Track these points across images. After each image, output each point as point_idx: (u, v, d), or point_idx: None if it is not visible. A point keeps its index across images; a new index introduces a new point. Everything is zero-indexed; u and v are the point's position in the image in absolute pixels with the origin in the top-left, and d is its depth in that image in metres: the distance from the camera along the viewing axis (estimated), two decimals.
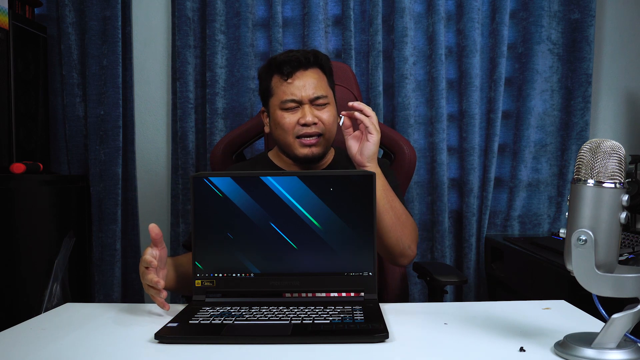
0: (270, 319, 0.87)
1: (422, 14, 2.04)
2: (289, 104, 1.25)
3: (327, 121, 1.26)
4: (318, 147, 1.25)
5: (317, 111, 1.25)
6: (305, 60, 1.27)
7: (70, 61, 2.05)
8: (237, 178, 1.00)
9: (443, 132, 2.01)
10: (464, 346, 0.79)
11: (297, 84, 1.25)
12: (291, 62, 1.26)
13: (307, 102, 1.24)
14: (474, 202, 2.02)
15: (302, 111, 1.24)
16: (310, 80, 1.26)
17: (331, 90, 1.31)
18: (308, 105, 1.24)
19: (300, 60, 1.26)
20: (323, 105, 1.26)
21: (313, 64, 1.28)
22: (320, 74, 1.29)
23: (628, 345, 0.71)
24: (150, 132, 2.16)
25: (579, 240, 0.71)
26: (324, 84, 1.28)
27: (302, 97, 1.24)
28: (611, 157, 0.70)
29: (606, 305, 0.74)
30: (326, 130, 1.26)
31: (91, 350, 0.79)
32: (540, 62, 2.04)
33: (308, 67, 1.27)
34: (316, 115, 1.24)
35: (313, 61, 1.28)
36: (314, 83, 1.26)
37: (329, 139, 1.28)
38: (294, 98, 1.24)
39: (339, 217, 0.99)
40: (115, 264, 2.03)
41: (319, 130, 1.24)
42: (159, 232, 0.99)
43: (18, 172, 1.72)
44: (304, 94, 1.24)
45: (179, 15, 2.01)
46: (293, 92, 1.24)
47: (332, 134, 1.29)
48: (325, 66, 1.31)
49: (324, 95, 1.26)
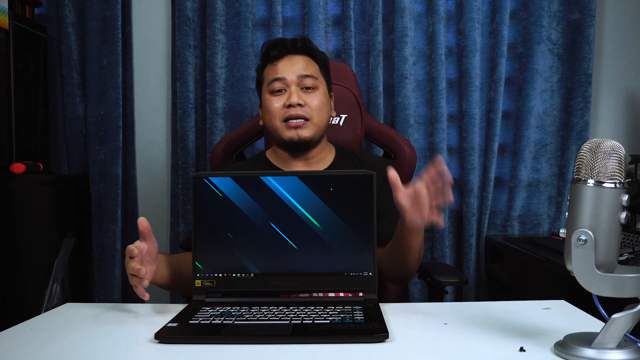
0: (270, 319, 0.87)
1: (422, 14, 2.04)
2: (275, 83, 1.25)
3: (315, 106, 1.24)
4: (304, 129, 1.23)
5: (304, 94, 1.24)
6: (292, 45, 1.27)
7: (70, 61, 2.05)
8: (237, 178, 1.00)
9: (443, 132, 2.01)
10: (464, 346, 0.79)
11: (284, 65, 1.26)
12: (278, 46, 1.27)
13: (294, 82, 1.24)
14: (474, 202, 2.02)
15: (289, 92, 1.24)
16: (298, 63, 1.26)
17: (323, 79, 1.30)
18: (295, 86, 1.24)
19: (286, 45, 1.27)
20: (311, 89, 1.25)
21: (301, 51, 1.28)
22: (310, 61, 1.29)
23: (628, 345, 0.71)
24: (150, 132, 2.16)
25: (579, 240, 0.71)
26: (313, 68, 1.28)
27: (287, 77, 1.24)
28: (611, 157, 0.70)
29: (606, 305, 0.74)
30: (313, 115, 1.24)
31: (91, 350, 0.79)
32: (540, 62, 2.04)
33: (296, 52, 1.28)
34: (303, 98, 1.23)
35: (301, 47, 1.28)
36: (303, 65, 1.26)
37: (318, 125, 1.26)
38: (278, 76, 1.24)
39: (339, 217, 0.99)
40: (115, 264, 2.03)
41: (304, 114, 1.23)
42: (147, 226, 0.99)
43: (18, 172, 1.72)
44: (290, 74, 1.24)
45: (179, 15, 2.01)
46: (279, 71, 1.25)
47: (321, 121, 1.26)
48: (317, 55, 1.30)
49: (312, 75, 1.25)
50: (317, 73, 1.28)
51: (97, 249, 2.05)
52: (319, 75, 1.29)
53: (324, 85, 1.30)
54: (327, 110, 1.29)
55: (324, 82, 1.30)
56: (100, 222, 2.05)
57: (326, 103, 1.28)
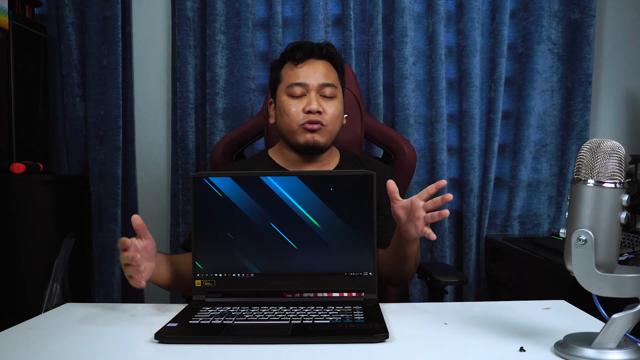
0: (270, 319, 0.87)
1: (422, 14, 2.04)
2: (296, 87, 1.25)
3: (332, 114, 1.26)
4: (320, 134, 1.24)
5: (323, 102, 1.25)
6: (318, 49, 1.28)
7: (70, 61, 2.05)
8: (237, 178, 1.00)
9: (443, 132, 2.01)
10: (464, 346, 0.79)
11: (307, 69, 1.26)
12: (304, 48, 1.28)
13: (315, 89, 1.24)
14: (474, 202, 2.02)
15: (308, 98, 1.24)
16: (320, 69, 1.27)
17: (340, 87, 1.31)
18: (315, 92, 1.25)
19: (313, 48, 1.28)
20: (330, 98, 1.26)
21: (325, 56, 1.29)
22: (330, 67, 1.30)
23: (628, 345, 0.71)
24: (150, 132, 2.16)
25: (579, 240, 0.71)
26: (333, 76, 1.29)
27: (309, 83, 1.24)
28: (611, 157, 0.70)
29: (606, 305, 0.74)
30: (329, 122, 1.25)
31: (91, 350, 0.79)
32: (540, 62, 2.04)
33: (320, 57, 1.28)
34: (322, 105, 1.24)
35: (325, 52, 1.29)
36: (324, 72, 1.27)
37: (331, 132, 1.27)
38: (300, 82, 1.25)
39: (339, 217, 0.99)
40: (115, 264, 2.03)
41: (322, 121, 1.24)
42: (140, 223, 0.98)
43: (18, 172, 1.72)
44: (312, 80, 1.25)
45: (179, 15, 2.01)
46: (301, 76, 1.25)
47: (334, 129, 1.28)
48: (337, 62, 1.32)
49: (333, 84, 1.26)
50: (337, 81, 1.29)
51: (97, 249, 2.05)
52: (338, 83, 1.30)
53: (341, 94, 1.31)
54: (341, 119, 1.31)
55: (341, 90, 1.32)
56: (100, 222, 2.05)
57: (342, 112, 1.30)
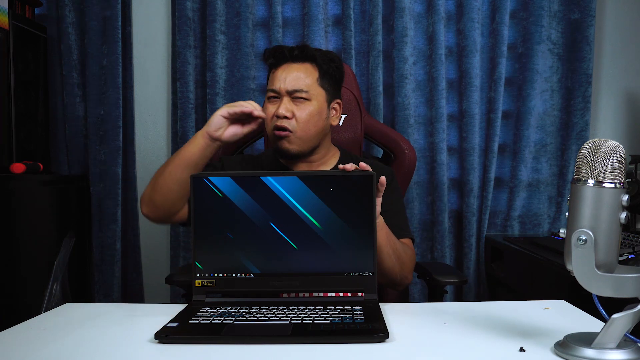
0: (270, 319, 0.87)
1: (422, 14, 2.04)
2: (269, 93, 1.26)
3: (301, 118, 1.23)
4: (288, 141, 1.23)
5: (294, 105, 1.23)
6: (289, 53, 1.26)
7: (70, 61, 2.05)
8: (237, 178, 1.00)
9: (443, 132, 2.01)
10: (464, 346, 0.79)
11: (279, 75, 1.25)
12: (275, 53, 1.27)
13: (285, 94, 1.24)
14: (474, 202, 2.02)
15: (280, 102, 1.24)
16: (293, 73, 1.24)
17: (320, 89, 1.26)
18: (287, 98, 1.24)
19: (284, 53, 1.26)
20: (301, 100, 1.24)
21: (299, 58, 1.26)
22: (309, 69, 1.26)
23: (628, 345, 0.71)
24: (150, 132, 2.16)
25: (579, 240, 0.71)
26: (309, 79, 1.25)
27: (279, 88, 1.24)
28: (611, 157, 0.70)
29: (606, 305, 0.74)
30: (298, 128, 1.23)
31: (91, 350, 0.79)
32: (540, 62, 2.04)
33: (295, 60, 1.26)
34: (292, 109, 1.23)
35: (298, 55, 1.26)
36: (297, 76, 1.24)
37: (303, 138, 1.24)
38: (273, 88, 1.25)
39: (339, 217, 0.99)
40: (115, 264, 2.03)
41: (288, 126, 1.22)
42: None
43: (18, 172, 1.72)
44: (282, 86, 1.24)
45: (179, 15, 2.01)
46: (274, 82, 1.25)
47: (307, 134, 1.24)
48: (319, 62, 1.27)
49: (303, 89, 1.23)
50: (312, 84, 1.25)
51: (97, 249, 2.05)
52: (314, 86, 1.25)
53: (321, 96, 1.26)
54: (318, 121, 1.26)
55: (321, 92, 1.26)
56: (100, 222, 2.05)
57: (317, 114, 1.25)
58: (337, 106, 1.33)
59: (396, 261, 1.14)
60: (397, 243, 1.15)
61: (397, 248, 1.14)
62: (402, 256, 1.16)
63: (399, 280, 1.18)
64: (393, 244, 1.13)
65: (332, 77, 1.30)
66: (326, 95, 1.28)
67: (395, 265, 1.14)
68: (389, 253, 1.12)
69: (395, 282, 1.19)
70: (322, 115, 1.27)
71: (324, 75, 1.27)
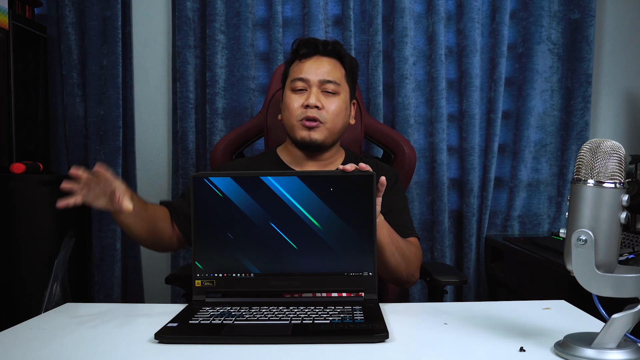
0: (270, 319, 0.87)
1: (422, 14, 2.04)
2: (297, 82, 1.26)
3: (332, 111, 1.25)
4: (317, 132, 1.24)
5: (324, 97, 1.25)
6: (323, 46, 1.28)
7: (70, 61, 2.05)
8: (237, 178, 1.00)
9: (443, 132, 2.01)
10: (464, 346, 0.79)
11: (310, 64, 1.26)
12: (309, 44, 1.29)
13: (315, 84, 1.25)
14: (474, 202, 2.02)
15: (308, 93, 1.25)
16: (324, 65, 1.27)
17: (347, 85, 1.30)
18: (316, 88, 1.25)
19: (317, 45, 1.28)
20: (332, 94, 1.26)
21: (331, 53, 1.29)
22: (336, 65, 1.29)
23: (628, 345, 0.71)
24: (150, 132, 2.16)
25: (579, 240, 0.71)
26: (338, 73, 1.28)
27: (310, 78, 1.25)
28: (611, 157, 0.70)
29: (606, 305, 0.74)
30: (329, 119, 1.25)
31: (91, 350, 0.79)
32: (540, 62, 2.04)
33: (325, 54, 1.28)
34: (322, 100, 1.24)
35: (331, 50, 1.29)
36: (328, 68, 1.27)
37: (331, 130, 1.26)
38: (302, 77, 1.25)
39: (339, 217, 0.99)
40: (115, 264, 2.03)
41: (319, 118, 1.24)
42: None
43: (18, 172, 1.72)
44: (313, 76, 1.25)
45: (179, 15, 2.01)
46: (304, 71, 1.26)
47: (335, 126, 1.27)
48: (346, 60, 1.31)
49: (335, 81, 1.26)
50: (341, 79, 1.29)
51: (97, 249, 2.05)
52: (343, 81, 1.29)
53: (346, 92, 1.30)
54: (344, 117, 1.30)
55: (347, 88, 1.31)
56: (100, 222, 2.05)
57: (344, 109, 1.29)
58: (354, 107, 1.37)
59: (401, 259, 1.14)
60: (401, 241, 1.15)
61: (401, 246, 1.15)
62: (406, 254, 1.16)
63: (405, 278, 1.18)
64: (396, 242, 1.13)
65: (354, 78, 1.34)
66: (350, 92, 1.32)
67: (400, 263, 1.14)
68: (392, 251, 1.12)
69: (401, 280, 1.19)
70: (347, 111, 1.31)
71: (348, 73, 1.32)
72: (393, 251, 1.12)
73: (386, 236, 1.10)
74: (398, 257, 1.14)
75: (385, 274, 1.17)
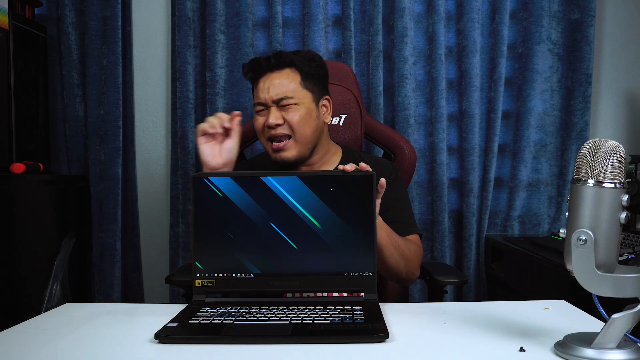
0: (270, 319, 0.87)
1: (422, 14, 2.04)
2: (257, 106, 1.28)
3: (294, 121, 1.24)
4: (287, 151, 1.25)
5: (283, 112, 1.25)
6: (266, 63, 1.27)
7: (70, 61, 2.05)
8: (237, 178, 1.00)
9: (443, 132, 2.01)
10: (464, 346, 0.79)
11: (262, 86, 1.27)
12: (253, 68, 1.29)
13: (272, 103, 1.25)
14: (474, 202, 2.02)
15: (268, 112, 1.25)
16: (275, 82, 1.25)
17: (306, 91, 1.27)
18: (274, 107, 1.25)
19: (261, 64, 1.28)
20: (289, 106, 1.25)
21: (276, 66, 1.27)
22: (289, 74, 1.27)
23: (628, 345, 0.71)
24: (150, 132, 2.16)
25: (579, 240, 0.71)
26: (292, 84, 1.26)
27: (265, 99, 1.25)
28: (611, 157, 0.70)
29: (606, 305, 0.74)
30: (295, 130, 1.24)
31: (91, 350, 0.79)
32: (540, 62, 2.04)
33: (273, 69, 1.27)
34: (282, 116, 1.24)
35: (275, 63, 1.27)
36: (279, 84, 1.25)
37: (302, 140, 1.25)
38: (259, 101, 1.27)
39: (339, 217, 0.99)
40: (115, 264, 2.03)
41: (285, 132, 1.24)
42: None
43: (18, 172, 1.72)
44: (266, 96, 1.25)
45: (179, 15, 2.01)
46: (258, 94, 1.27)
47: (305, 135, 1.25)
48: (298, 64, 1.27)
49: (288, 96, 1.24)
50: (297, 88, 1.25)
51: (97, 249, 2.05)
52: (299, 89, 1.26)
53: (308, 97, 1.27)
54: (312, 121, 1.27)
55: (307, 93, 1.27)
56: (100, 222, 2.05)
57: (308, 115, 1.26)
58: (327, 102, 1.33)
59: (400, 258, 1.15)
60: (399, 240, 1.15)
61: (400, 245, 1.15)
62: (405, 253, 1.16)
63: (404, 276, 1.19)
64: (395, 241, 1.13)
65: (315, 77, 1.30)
66: (312, 96, 1.29)
67: (399, 262, 1.15)
68: (391, 251, 1.12)
69: (401, 278, 1.20)
70: (313, 115, 1.28)
71: (306, 77, 1.28)
72: (392, 251, 1.13)
73: (384, 237, 1.10)
74: (397, 257, 1.14)
75: (384, 272, 1.17)
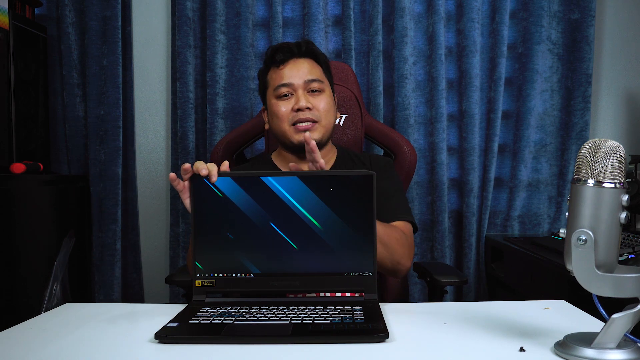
0: (271, 319, 0.87)
1: (422, 14, 2.04)
2: (282, 89, 1.26)
3: (323, 108, 1.26)
4: (314, 132, 1.25)
5: (311, 98, 1.25)
6: (297, 48, 1.29)
7: (70, 61, 2.05)
8: (237, 178, 1.00)
9: (443, 132, 2.01)
10: (464, 346, 0.79)
11: (290, 69, 1.27)
12: (283, 50, 1.29)
13: (301, 87, 1.25)
14: (474, 202, 2.02)
15: (296, 97, 1.25)
16: (303, 66, 1.27)
17: (328, 82, 1.31)
18: (302, 91, 1.25)
19: (291, 49, 1.28)
20: (318, 92, 1.26)
21: (305, 54, 1.30)
22: (313, 63, 1.30)
23: (628, 345, 0.71)
24: (150, 132, 2.16)
25: (579, 240, 0.71)
26: (318, 71, 1.29)
27: (294, 82, 1.25)
28: (611, 157, 0.70)
29: (606, 305, 0.74)
30: (322, 117, 1.25)
31: (91, 350, 0.79)
32: (540, 62, 2.04)
33: (301, 55, 1.29)
34: (310, 101, 1.25)
35: (305, 50, 1.29)
36: (308, 69, 1.27)
37: (326, 127, 1.27)
38: (285, 82, 1.25)
39: (339, 217, 0.99)
40: (115, 264, 2.03)
41: (313, 117, 1.24)
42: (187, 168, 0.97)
43: (18, 172, 1.72)
44: (296, 79, 1.25)
45: (179, 15, 2.01)
46: (285, 76, 1.26)
47: (329, 123, 1.28)
48: (320, 58, 1.32)
49: (318, 79, 1.26)
50: (322, 76, 1.30)
51: (97, 249, 2.05)
52: (324, 78, 1.30)
53: (329, 88, 1.32)
54: (334, 112, 1.31)
55: (329, 84, 1.32)
56: (100, 222, 2.05)
57: (333, 105, 1.30)
58: (335, 101, 1.37)
59: (382, 249, 1.09)
60: (380, 230, 1.08)
61: (380, 235, 1.08)
62: (387, 242, 1.11)
63: (390, 267, 1.14)
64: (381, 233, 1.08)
65: (330, 73, 1.35)
66: (331, 88, 1.33)
67: (381, 252, 1.08)
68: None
69: (387, 270, 1.15)
70: (334, 106, 1.31)
71: (325, 70, 1.33)
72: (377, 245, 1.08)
73: None
74: (381, 249, 1.08)
75: None
